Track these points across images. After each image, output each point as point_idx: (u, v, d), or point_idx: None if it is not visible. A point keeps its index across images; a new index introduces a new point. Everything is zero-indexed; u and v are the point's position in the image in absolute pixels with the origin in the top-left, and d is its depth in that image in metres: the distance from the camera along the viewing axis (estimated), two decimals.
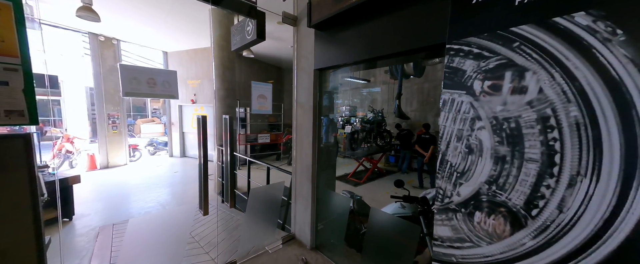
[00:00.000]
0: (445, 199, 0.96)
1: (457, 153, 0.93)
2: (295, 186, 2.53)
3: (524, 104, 0.76)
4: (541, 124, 0.72)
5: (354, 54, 1.78)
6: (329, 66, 2.05)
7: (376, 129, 6.26)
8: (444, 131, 0.96)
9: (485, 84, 0.84)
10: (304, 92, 2.34)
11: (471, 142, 0.88)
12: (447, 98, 0.95)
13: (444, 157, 0.96)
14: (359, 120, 7.03)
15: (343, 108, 7.34)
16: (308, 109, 2.30)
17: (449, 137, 0.95)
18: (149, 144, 9.38)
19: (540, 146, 0.73)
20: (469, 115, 0.89)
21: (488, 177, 0.84)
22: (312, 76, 2.23)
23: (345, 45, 1.86)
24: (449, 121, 0.95)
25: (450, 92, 0.94)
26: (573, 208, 0.67)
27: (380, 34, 1.57)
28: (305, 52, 2.29)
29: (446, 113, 0.96)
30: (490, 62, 0.82)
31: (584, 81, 0.65)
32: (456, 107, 0.92)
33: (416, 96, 7.25)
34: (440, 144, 0.96)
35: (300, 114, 2.40)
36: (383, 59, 1.67)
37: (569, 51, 0.66)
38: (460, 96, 0.91)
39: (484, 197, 0.85)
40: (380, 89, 7.78)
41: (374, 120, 6.25)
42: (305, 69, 2.30)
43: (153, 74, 1.39)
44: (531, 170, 0.75)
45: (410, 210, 2.46)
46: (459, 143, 0.92)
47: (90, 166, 6.54)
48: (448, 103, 0.95)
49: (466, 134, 0.90)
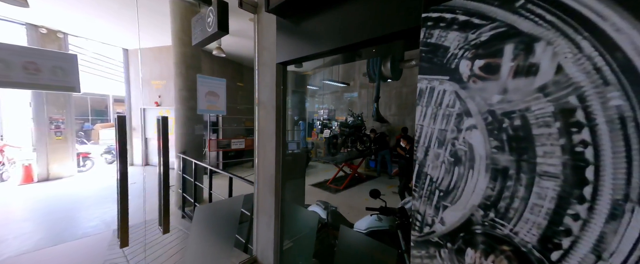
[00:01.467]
0: (425, 227, 0.69)
1: (438, 163, 0.66)
2: (257, 200, 2.17)
3: (534, 91, 0.51)
4: (561, 120, 0.48)
5: (321, 43, 1.51)
6: (294, 58, 1.75)
7: (356, 133, 6.07)
8: (421, 133, 0.70)
9: (475, 64, 0.59)
10: (266, 89, 2.01)
11: (458, 147, 0.62)
12: (424, 87, 0.69)
13: (422, 168, 0.69)
14: (338, 124, 6.82)
15: (321, 112, 7.10)
16: (271, 109, 1.97)
17: (428, 141, 0.68)
18: (106, 152, 8.36)
19: (561, 154, 0.48)
20: (454, 110, 0.63)
21: (483, 198, 0.58)
22: (274, 71, 1.92)
23: (311, 34, 1.58)
24: (426, 119, 0.68)
25: (427, 79, 0.68)
26: (620, 253, 0.42)
27: (350, 20, 1.32)
28: (267, 43, 1.98)
29: (423, 108, 0.69)
30: (482, 33, 0.57)
31: (632, 49, 0.41)
32: (436, 100, 0.66)
33: (395, 100, 7.25)
34: (416, 150, 0.70)
35: (262, 116, 2.07)
36: (354, 48, 1.41)
37: (604, 5, 0.43)
38: (442, 83, 0.65)
39: (478, 228, 0.59)
40: (358, 93, 7.68)
41: (353, 124, 6.06)
42: (267, 64, 1.98)
43: (34, 55, 0.99)
44: (547, 190, 0.49)
45: (387, 223, 2.21)
46: (441, 149, 0.66)
47: (25, 178, 5.55)
48: (425, 94, 0.68)
49: (451, 137, 0.64)
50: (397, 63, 4.70)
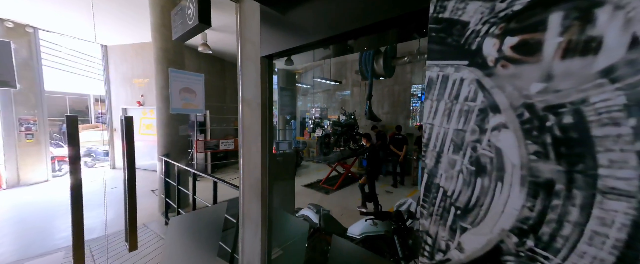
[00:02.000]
0: (436, 253, 0.54)
1: (454, 173, 0.52)
2: (242, 206, 1.99)
3: (595, 75, 0.37)
4: (638, 116, 0.34)
5: (309, 33, 1.34)
6: (280, 51, 1.58)
7: (348, 132, 5.95)
8: (431, 134, 0.55)
9: (505, 43, 0.44)
10: (250, 86, 1.83)
11: (481, 153, 0.48)
12: (435, 76, 0.54)
13: (432, 179, 0.55)
14: (330, 123, 6.68)
15: (313, 110, 6.94)
16: (255, 107, 1.79)
17: (440, 144, 0.53)
18: (86, 155, 7.90)
19: (638, 164, 0.34)
20: (476, 104, 0.48)
21: (517, 221, 0.44)
22: (259, 65, 1.74)
23: (298, 24, 1.42)
24: (438, 117, 0.54)
25: (439, 65, 0.53)
26: None
27: (341, 6, 1.16)
28: (251, 35, 1.79)
29: (433, 102, 0.54)
30: (516, 0, 0.42)
31: None
32: (451, 91, 0.52)
33: (387, 98, 7.18)
34: (424, 156, 0.55)
35: (247, 114, 1.89)
36: (346, 38, 1.25)
37: None
38: (458, 70, 0.50)
39: (511, 259, 0.44)
40: (350, 91, 7.56)
41: (346, 123, 5.94)
42: (251, 58, 1.80)
43: None
44: (616, 215, 0.35)
45: (383, 228, 2.08)
46: (457, 155, 0.51)
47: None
48: (436, 84, 0.54)
49: (471, 140, 0.49)
50: (389, 60, 4.60)
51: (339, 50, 1.74)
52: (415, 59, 5.05)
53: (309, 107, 7.74)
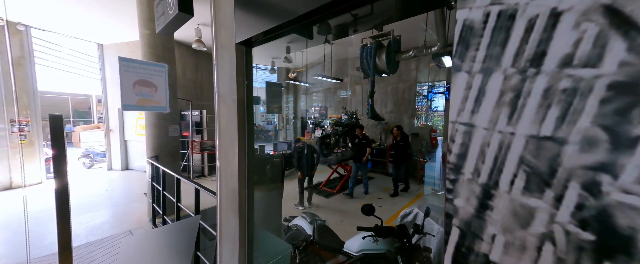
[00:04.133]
0: None
1: (528, 243, 0.21)
2: (219, 221, 1.71)
3: None
4: None
5: (290, 8, 1.05)
6: (256, 34, 1.29)
7: (350, 132, 5.63)
8: (465, 148, 0.24)
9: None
10: (225, 79, 1.55)
11: (617, 201, 0.17)
12: (480, 16, 0.23)
13: (465, 242, 0.24)
14: (330, 123, 6.38)
15: (312, 110, 6.65)
16: (231, 104, 1.51)
17: (489, 170, 0.23)
18: (84, 156, 7.81)
19: None
20: (600, 73, 0.17)
21: None
22: (234, 54, 1.46)
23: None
24: (482, 111, 0.23)
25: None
26: None
27: None
28: (225, 19, 1.51)
29: (471, 78, 0.24)
30: None
31: None
32: (523, 47, 0.21)
33: (391, 96, 6.84)
34: (450, 193, 0.24)
35: (223, 113, 1.61)
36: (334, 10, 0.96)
37: None
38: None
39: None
40: (352, 90, 7.25)
41: (347, 122, 5.63)
42: (226, 46, 1.52)
43: None
44: None
45: (384, 246, 1.78)
46: (534, 198, 0.20)
47: None
48: (479, 33, 0.23)
49: (579, 164, 0.18)
50: (392, 55, 4.27)
51: (335, 32, 1.41)
52: (421, 54, 4.70)
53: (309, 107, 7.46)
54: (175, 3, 2.30)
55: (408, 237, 1.71)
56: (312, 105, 7.51)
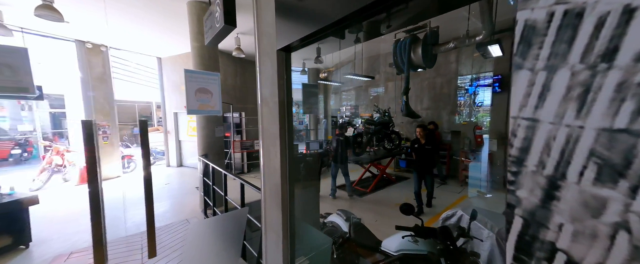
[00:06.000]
0: None
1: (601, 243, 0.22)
2: (264, 213, 1.87)
3: None
4: None
5: (327, 14, 1.11)
6: (295, 41, 1.38)
7: (382, 130, 5.49)
8: (529, 143, 0.26)
9: None
10: (267, 83, 1.69)
11: None
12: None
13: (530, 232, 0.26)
14: (362, 122, 6.30)
15: (343, 109, 6.64)
16: (273, 106, 1.64)
17: (559, 169, 0.24)
18: None
19: None
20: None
21: None
22: (275, 59, 1.58)
23: (313, 5, 1.21)
24: (547, 105, 0.24)
25: None
26: None
27: None
28: (266, 27, 1.65)
29: (536, 65, 0.25)
30: None
31: None
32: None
33: (427, 92, 6.44)
34: (512, 191, 0.26)
35: (265, 114, 1.75)
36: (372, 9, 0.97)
37: None
38: None
39: None
40: (384, 87, 7.01)
41: (379, 121, 5.50)
42: (268, 52, 1.66)
43: None
44: None
45: (425, 247, 1.72)
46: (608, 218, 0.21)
47: (82, 179, 6.25)
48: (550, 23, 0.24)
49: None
50: (429, 47, 4.02)
51: (370, 31, 1.42)
52: (462, 45, 4.32)
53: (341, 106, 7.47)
54: (221, 17, 2.56)
55: (452, 239, 1.62)
56: (343, 104, 7.51)
